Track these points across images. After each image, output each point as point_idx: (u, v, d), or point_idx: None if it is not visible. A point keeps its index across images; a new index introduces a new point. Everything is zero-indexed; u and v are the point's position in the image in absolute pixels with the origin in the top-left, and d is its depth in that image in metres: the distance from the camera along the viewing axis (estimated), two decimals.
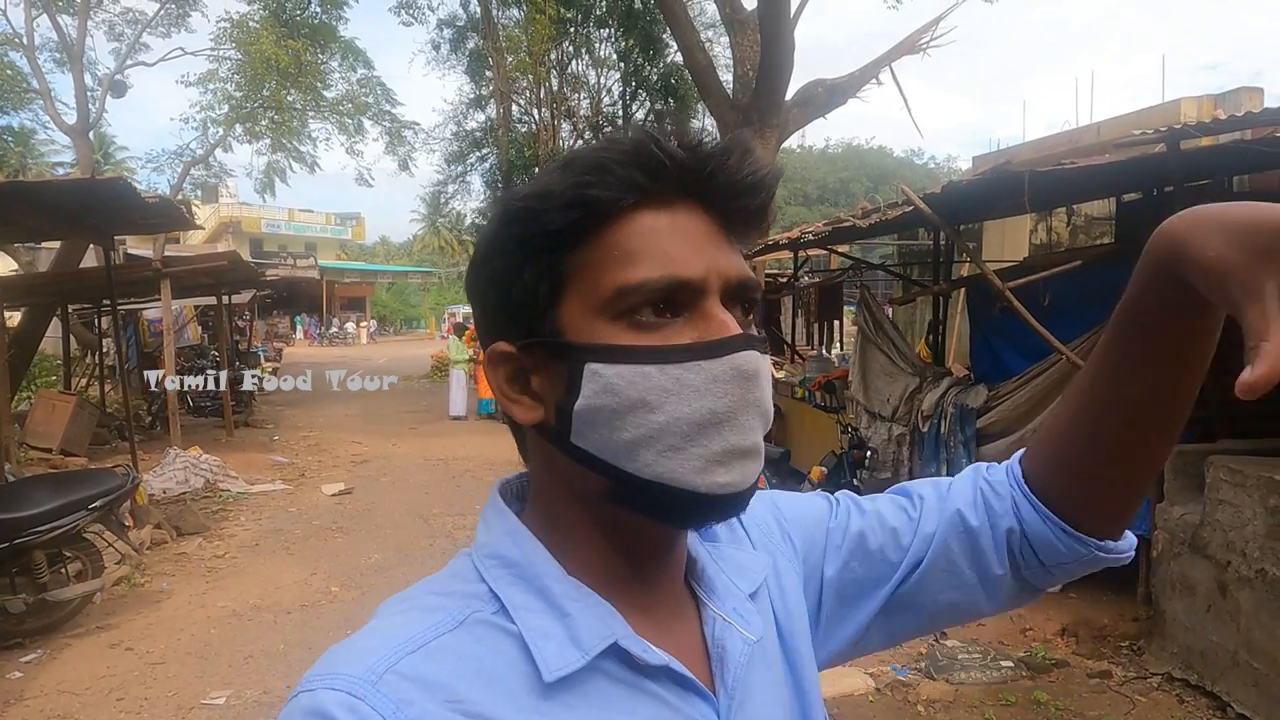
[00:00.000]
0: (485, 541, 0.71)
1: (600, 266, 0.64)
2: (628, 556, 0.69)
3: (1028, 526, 0.82)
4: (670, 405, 0.62)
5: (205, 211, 36.62)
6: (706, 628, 0.73)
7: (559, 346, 0.66)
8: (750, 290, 0.68)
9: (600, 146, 0.66)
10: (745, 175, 0.66)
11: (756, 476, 0.66)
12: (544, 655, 0.63)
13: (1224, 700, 4.16)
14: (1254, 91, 10.19)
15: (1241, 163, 5.22)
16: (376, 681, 0.59)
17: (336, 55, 20.57)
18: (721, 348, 0.63)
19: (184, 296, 14.84)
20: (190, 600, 5.92)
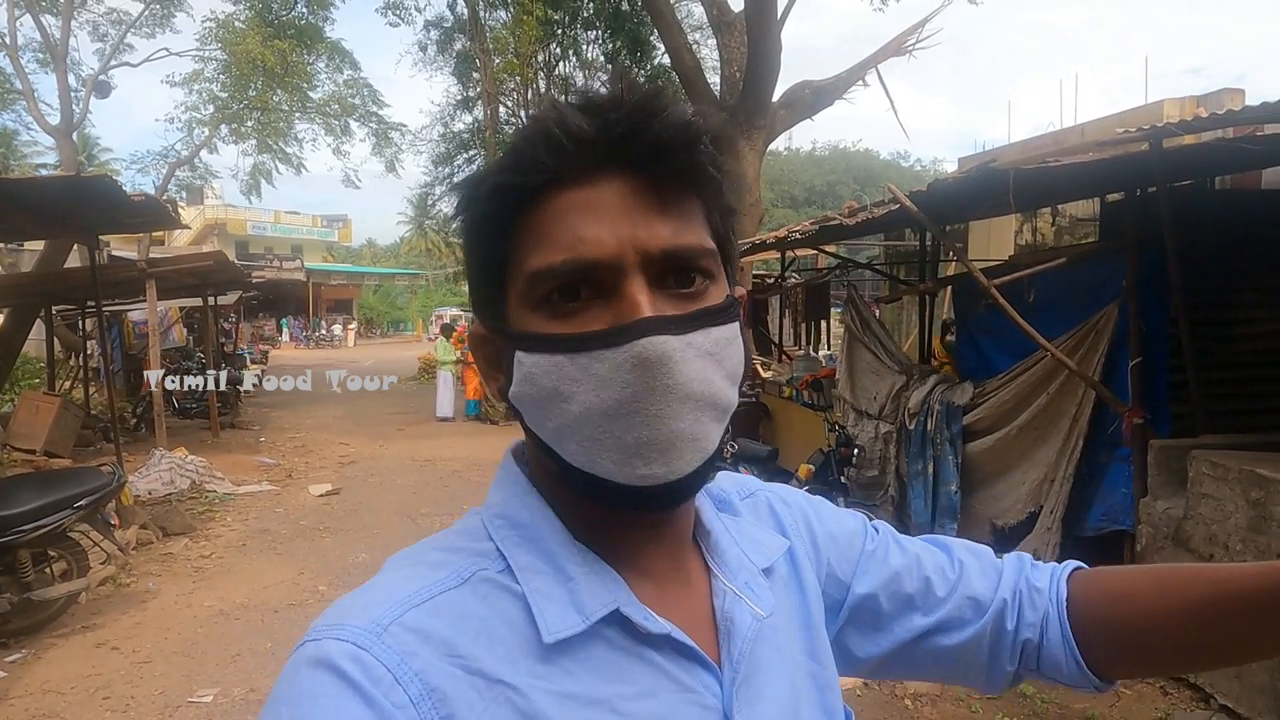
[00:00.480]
0: (496, 501, 0.71)
1: (522, 252, 0.64)
2: (615, 525, 0.68)
3: (1046, 646, 0.84)
4: (581, 396, 0.61)
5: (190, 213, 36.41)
6: (716, 599, 0.72)
7: (500, 333, 0.67)
8: (689, 259, 0.64)
9: (523, 125, 0.66)
10: (665, 133, 0.62)
11: (693, 467, 0.63)
12: (545, 617, 0.63)
13: (1207, 692, 4.19)
14: (1235, 93, 10.28)
15: (1223, 161, 5.27)
16: (381, 633, 0.59)
17: (323, 56, 20.54)
18: (622, 334, 0.60)
19: (169, 298, 14.77)
20: (177, 600, 5.89)
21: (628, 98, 0.63)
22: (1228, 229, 5.19)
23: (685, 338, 0.62)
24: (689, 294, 0.64)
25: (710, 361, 0.63)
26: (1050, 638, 0.83)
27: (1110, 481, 5.29)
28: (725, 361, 0.65)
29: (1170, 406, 5.05)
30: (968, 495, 6.13)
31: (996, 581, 0.86)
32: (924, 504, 6.33)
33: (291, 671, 0.59)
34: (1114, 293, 5.14)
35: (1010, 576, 0.87)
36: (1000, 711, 4.21)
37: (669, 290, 0.64)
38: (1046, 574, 0.87)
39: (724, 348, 0.65)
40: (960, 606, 0.85)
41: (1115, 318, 5.14)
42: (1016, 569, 0.88)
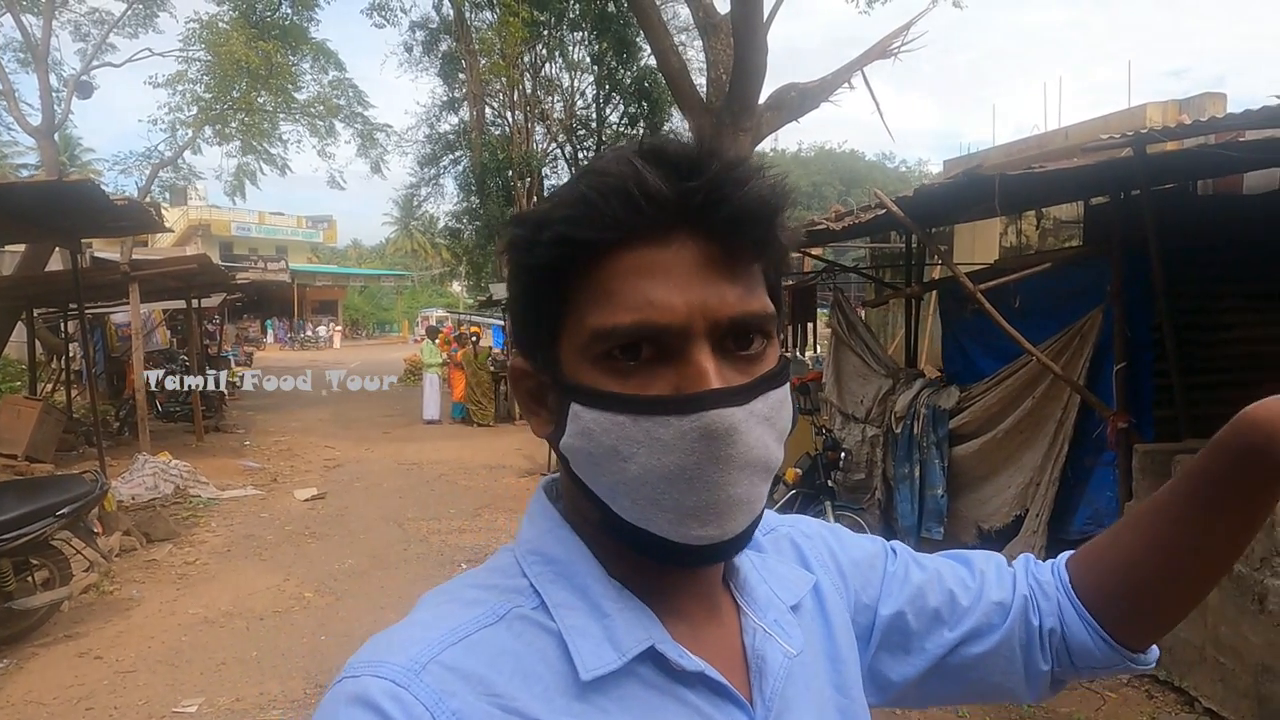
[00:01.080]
0: (529, 537, 0.71)
1: (584, 306, 0.63)
2: (650, 565, 0.68)
3: (1069, 631, 0.84)
4: (641, 457, 0.61)
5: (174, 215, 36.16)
6: (746, 637, 0.72)
7: (553, 378, 0.67)
8: (753, 325, 0.64)
9: (592, 173, 0.64)
10: (744, 203, 0.62)
11: (744, 526, 0.64)
12: (581, 654, 0.63)
13: (1192, 695, 4.22)
14: (1217, 97, 10.37)
15: (1205, 166, 5.31)
16: (420, 671, 0.60)
17: (308, 57, 20.41)
18: (692, 404, 0.60)
19: (152, 300, 14.65)
20: (160, 607, 5.85)
21: (709, 162, 0.62)
22: (1211, 234, 5.23)
23: (748, 407, 0.62)
24: (748, 356, 0.64)
25: (767, 426, 0.64)
26: (1069, 623, 0.84)
27: (1095, 485, 5.32)
28: (778, 423, 0.66)
29: (1155, 411, 5.09)
30: (954, 499, 6.15)
31: (1013, 582, 0.88)
32: (910, 508, 6.35)
33: (331, 708, 0.60)
34: (1099, 297, 5.17)
35: (1022, 575, 0.89)
36: (987, 716, 4.22)
37: (730, 353, 0.64)
38: (1048, 567, 0.89)
39: (778, 410, 0.66)
40: (987, 613, 0.85)
41: (1100, 322, 5.17)
42: (1024, 567, 0.90)
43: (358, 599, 6.01)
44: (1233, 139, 4.84)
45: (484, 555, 6.89)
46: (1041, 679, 0.86)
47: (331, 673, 4.75)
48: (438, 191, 27.16)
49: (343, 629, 5.41)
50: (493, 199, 21.86)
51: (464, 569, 5.28)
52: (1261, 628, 3.81)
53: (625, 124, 23.05)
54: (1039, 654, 0.85)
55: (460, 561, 6.80)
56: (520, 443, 13.05)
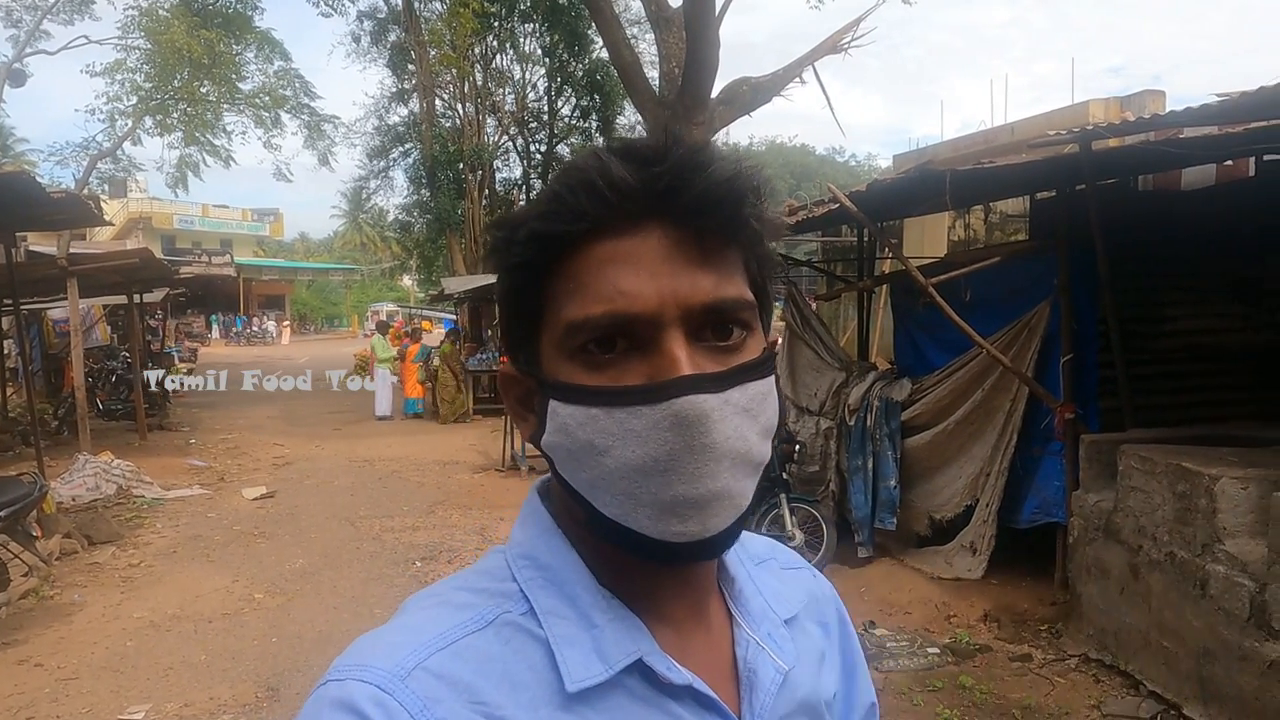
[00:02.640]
0: (520, 540, 0.71)
1: (559, 300, 0.63)
2: (641, 571, 0.67)
3: None
4: (617, 450, 0.60)
5: (113, 207, 35.19)
6: (739, 649, 0.71)
7: (535, 378, 0.66)
8: (729, 312, 0.63)
9: (562, 171, 0.65)
10: (710, 188, 0.61)
11: (727, 524, 0.62)
12: (568, 665, 0.62)
13: (1137, 679, 4.33)
14: (1156, 94, 10.65)
15: (1147, 162, 5.44)
16: (405, 677, 0.59)
17: (252, 46, 20.00)
18: (661, 392, 0.59)
19: (92, 295, 14.24)
20: (104, 612, 5.68)
21: (673, 150, 0.62)
22: (1152, 228, 5.36)
23: (723, 395, 0.61)
24: (726, 347, 0.63)
25: (747, 418, 0.62)
26: None
27: (1043, 475, 5.43)
28: (761, 416, 0.64)
29: (1100, 401, 5.21)
30: (906, 490, 6.24)
31: None
32: (864, 499, 6.42)
33: (314, 711, 0.59)
34: (1046, 290, 5.27)
35: None
36: (941, 704, 4.29)
37: (706, 343, 0.63)
38: None
39: (760, 403, 0.64)
40: None
41: (1047, 315, 5.28)
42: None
43: (309, 599, 5.91)
44: (1172, 136, 4.96)
45: (438, 553, 6.86)
46: None
47: (283, 675, 4.66)
48: (387, 184, 26.78)
49: (294, 630, 5.31)
50: (443, 192, 21.62)
51: (417, 567, 5.18)
52: (1202, 612, 3.92)
53: (577, 117, 22.97)
54: None
55: (414, 559, 6.71)
56: (474, 438, 12.95)
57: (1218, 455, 4.14)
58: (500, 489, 9.43)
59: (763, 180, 0.65)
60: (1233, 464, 3.95)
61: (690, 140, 0.63)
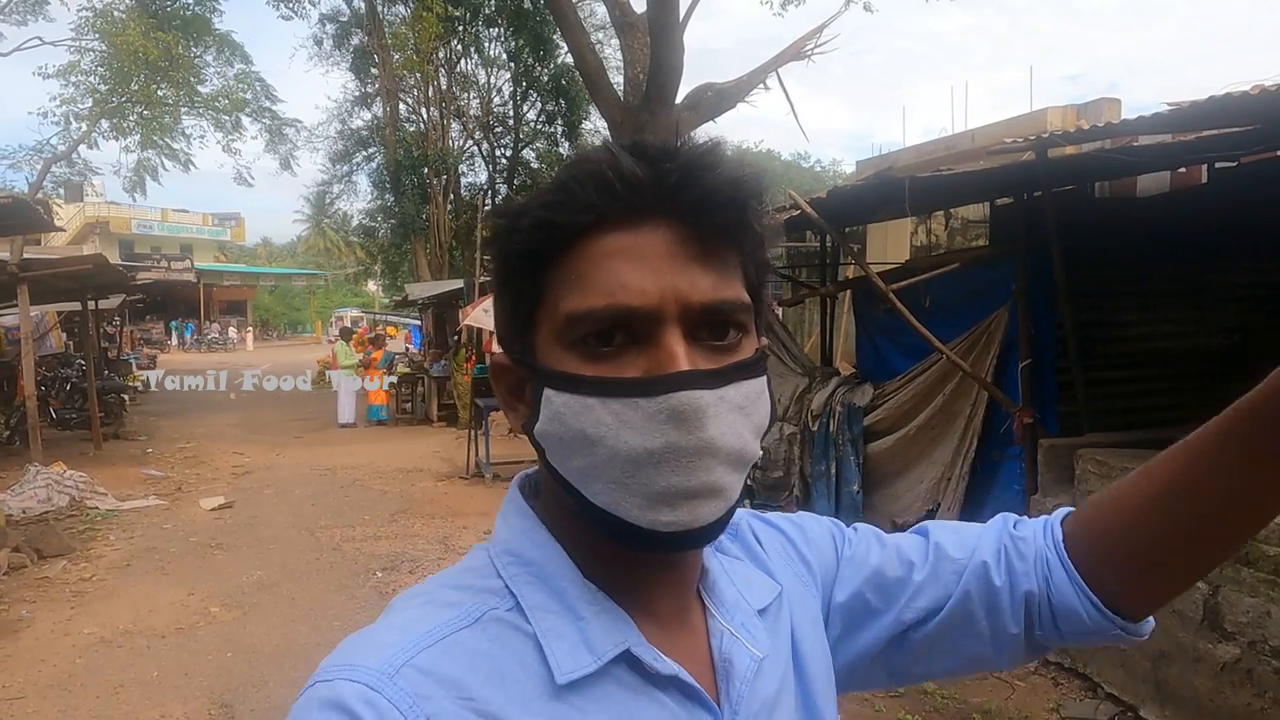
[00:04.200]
0: (504, 538, 0.71)
1: (560, 290, 0.64)
2: (628, 563, 0.67)
3: (1056, 594, 0.79)
4: (610, 440, 0.61)
5: (69, 211, 34.51)
6: (714, 640, 0.72)
7: (530, 367, 0.67)
8: (727, 313, 0.64)
9: (571, 163, 0.65)
10: (717, 188, 0.62)
11: (715, 516, 0.63)
12: (557, 657, 0.63)
13: (1095, 681, 4.38)
14: (1112, 102, 10.82)
15: (1102, 169, 5.51)
16: (394, 675, 0.59)
17: (211, 49, 19.72)
18: (659, 385, 0.60)
19: (45, 302, 13.91)
20: (53, 628, 5.53)
21: (683, 148, 0.63)
22: (1108, 234, 5.43)
23: (719, 392, 0.62)
24: (723, 346, 0.64)
25: (740, 415, 0.64)
26: (1057, 585, 0.79)
27: (1003, 479, 5.48)
28: (754, 415, 0.65)
29: (1058, 406, 5.25)
30: (869, 494, 6.26)
31: (974, 544, 0.84)
32: (828, 504, 6.44)
33: (303, 713, 0.59)
34: (1005, 295, 5.32)
35: (991, 536, 0.85)
36: (903, 709, 4.30)
37: (703, 342, 0.64)
38: (1032, 524, 0.85)
39: (753, 401, 0.65)
40: (944, 581, 0.82)
41: (1006, 320, 5.32)
42: (999, 527, 0.86)
43: (266, 612, 5.79)
44: (1127, 144, 5.03)
45: (399, 563, 6.78)
46: (1013, 643, 0.82)
47: (238, 691, 4.56)
48: (351, 189, 26.55)
49: (250, 644, 5.21)
50: (408, 196, 21.47)
51: (378, 577, 5.10)
52: (1159, 615, 3.95)
53: (542, 121, 22.90)
54: (1007, 617, 0.81)
55: (375, 570, 6.62)
56: (438, 445, 12.84)
57: None
58: (464, 497, 9.34)
59: (764, 184, 0.66)
60: None
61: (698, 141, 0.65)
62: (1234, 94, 3.59)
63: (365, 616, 5.73)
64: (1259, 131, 4.42)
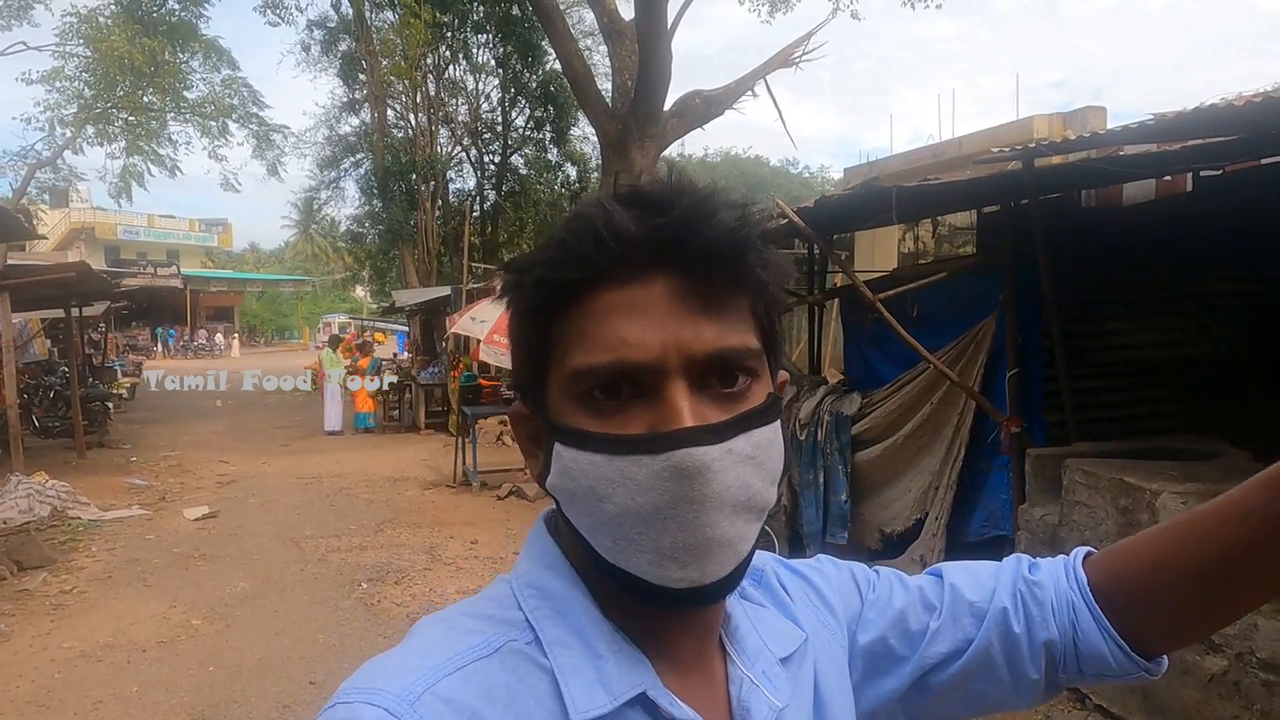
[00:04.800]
0: (526, 570, 0.71)
1: (566, 346, 0.64)
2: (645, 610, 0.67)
3: (1083, 639, 0.81)
4: (617, 497, 0.61)
5: (55, 217, 34.31)
6: (733, 687, 0.71)
7: (542, 419, 0.67)
8: (732, 361, 0.64)
9: (570, 217, 0.66)
10: (715, 238, 0.62)
11: (727, 570, 0.63)
12: (573, 695, 0.63)
13: (1083, 692, 4.35)
14: (1098, 110, 10.85)
15: (1089, 178, 5.52)
16: (415, 701, 0.59)
17: (198, 54, 19.63)
18: (663, 443, 0.60)
19: (28, 309, 13.81)
20: (31, 642, 5.45)
21: (678, 200, 0.63)
22: (1094, 243, 5.43)
23: (725, 445, 0.62)
24: (731, 394, 0.64)
25: (750, 466, 0.63)
26: (1083, 628, 0.81)
27: (991, 488, 5.46)
28: (766, 463, 0.65)
29: (1046, 415, 5.25)
30: (857, 504, 6.24)
31: (992, 589, 0.85)
32: (815, 513, 6.41)
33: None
34: (992, 304, 5.31)
35: (1007, 580, 0.86)
36: None
37: (711, 390, 0.63)
38: (1051, 569, 0.86)
39: (764, 449, 0.65)
40: (962, 626, 0.83)
41: (993, 329, 5.31)
42: (1014, 570, 0.87)
43: (249, 625, 5.73)
44: (1113, 153, 5.04)
45: (385, 573, 6.72)
46: (1033, 687, 0.83)
47: (218, 706, 4.50)
48: (339, 195, 26.61)
49: (233, 658, 5.14)
50: (395, 202, 21.43)
51: (363, 589, 5.06)
52: None
53: (531, 128, 22.91)
54: (1027, 663, 0.82)
55: (360, 581, 6.56)
56: (425, 453, 12.77)
57: (1159, 469, 4.19)
58: (451, 505, 9.28)
59: (767, 227, 0.67)
60: (1173, 478, 3.99)
61: (699, 188, 0.65)
62: (1218, 104, 3.59)
63: (349, 629, 5.69)
64: (1243, 141, 4.44)
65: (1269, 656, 3.43)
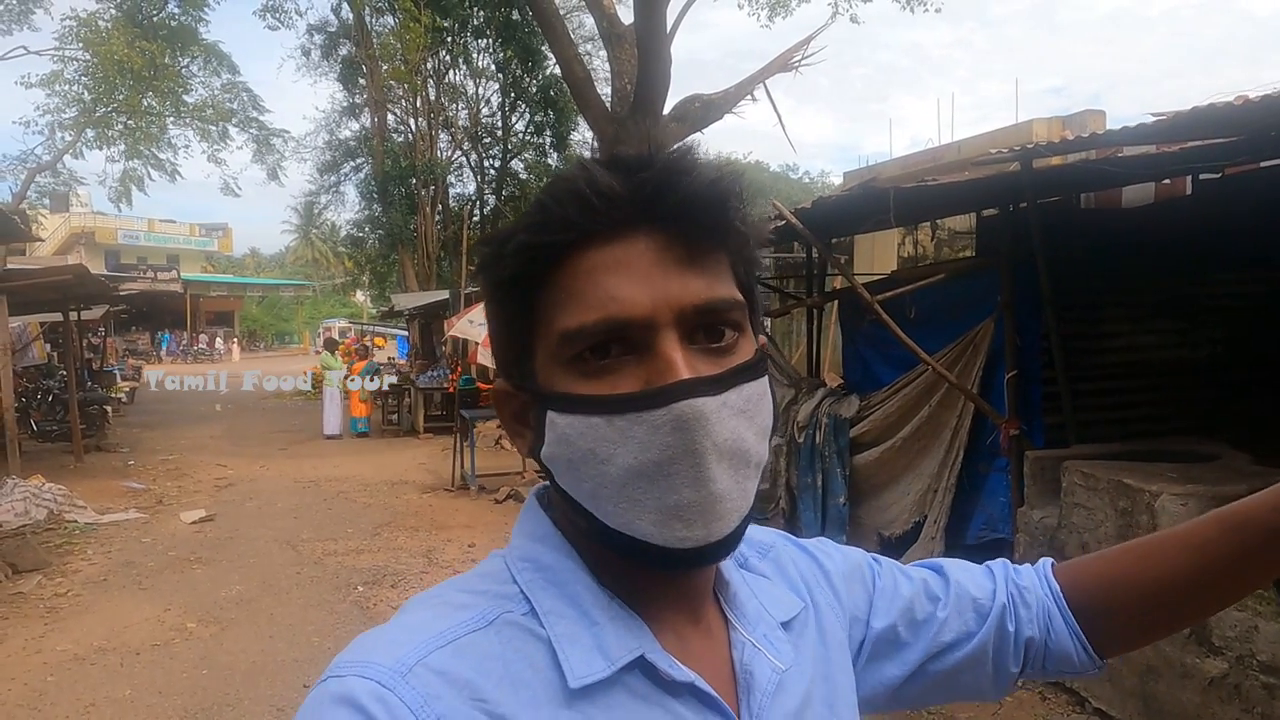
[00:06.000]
0: (520, 544, 0.71)
1: (552, 310, 0.64)
2: (644, 575, 0.67)
3: (1054, 640, 0.88)
4: (619, 457, 0.61)
5: (55, 222, 34.32)
6: (735, 651, 0.72)
7: (532, 391, 0.66)
8: (720, 312, 0.64)
9: (549, 183, 0.66)
10: (694, 191, 0.62)
11: (731, 528, 0.63)
12: (570, 662, 0.63)
13: (1082, 696, 4.33)
14: (1097, 114, 10.83)
15: (1087, 180, 5.50)
16: (406, 674, 0.59)
17: (198, 59, 19.64)
18: (661, 397, 0.60)
19: (26, 313, 13.80)
20: (25, 645, 5.42)
21: (657, 157, 0.63)
22: (1093, 245, 5.41)
23: (721, 397, 0.62)
24: (719, 348, 0.64)
25: (744, 419, 0.63)
26: (1056, 633, 0.87)
27: (990, 491, 5.43)
28: (757, 417, 0.65)
29: (1044, 417, 5.22)
30: (856, 507, 6.21)
31: (992, 589, 0.89)
32: (814, 516, 6.38)
33: (314, 707, 0.59)
34: (990, 307, 5.29)
35: (1001, 581, 0.90)
36: None
37: (700, 345, 0.64)
38: (1029, 573, 0.92)
39: (756, 404, 0.65)
40: (966, 620, 0.87)
41: (992, 331, 5.29)
42: (1004, 573, 0.92)
43: (244, 628, 5.69)
44: (1112, 155, 5.02)
45: (381, 577, 6.68)
46: (1008, 680, 0.89)
47: (211, 710, 4.47)
48: (339, 199, 26.53)
49: (226, 661, 5.11)
50: (395, 207, 21.43)
51: (359, 592, 5.02)
52: None
53: (531, 132, 22.92)
54: (1010, 658, 0.87)
55: (356, 584, 6.52)
56: (424, 457, 12.74)
57: (1158, 471, 4.16)
58: (449, 509, 9.25)
59: (744, 184, 0.67)
60: (1172, 480, 3.97)
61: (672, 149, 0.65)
62: (1218, 105, 3.57)
63: (344, 632, 5.65)
64: (1242, 143, 4.41)
65: (1270, 659, 3.40)
